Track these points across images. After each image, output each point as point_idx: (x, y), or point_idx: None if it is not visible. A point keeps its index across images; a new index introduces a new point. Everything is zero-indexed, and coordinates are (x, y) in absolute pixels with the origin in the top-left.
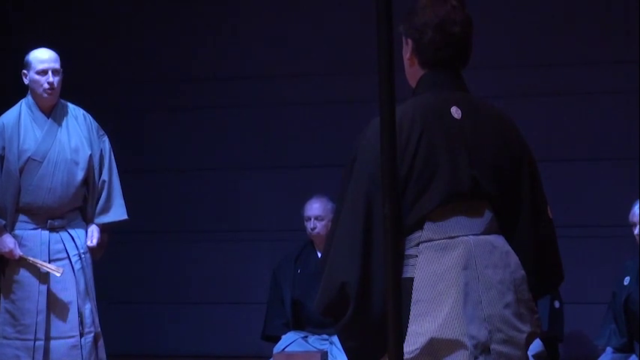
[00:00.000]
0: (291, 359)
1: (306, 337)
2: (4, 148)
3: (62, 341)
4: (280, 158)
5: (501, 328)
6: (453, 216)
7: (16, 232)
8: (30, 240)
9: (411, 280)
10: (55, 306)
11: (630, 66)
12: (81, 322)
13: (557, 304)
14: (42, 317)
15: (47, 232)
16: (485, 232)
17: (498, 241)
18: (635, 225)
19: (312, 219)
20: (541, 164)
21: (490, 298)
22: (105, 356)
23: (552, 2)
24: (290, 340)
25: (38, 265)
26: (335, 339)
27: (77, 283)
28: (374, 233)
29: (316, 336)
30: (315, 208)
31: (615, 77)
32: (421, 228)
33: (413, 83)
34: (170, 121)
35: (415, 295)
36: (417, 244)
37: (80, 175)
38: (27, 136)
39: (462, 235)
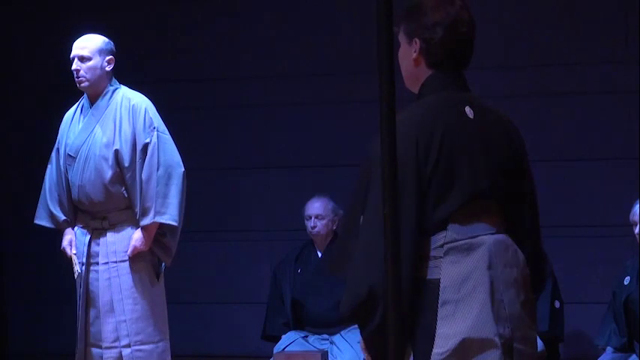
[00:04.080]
0: (292, 359)
1: (307, 336)
2: (59, 143)
3: (96, 350)
4: (280, 158)
5: (520, 327)
6: (473, 216)
7: (74, 229)
8: (77, 239)
9: (437, 281)
10: (88, 313)
11: (630, 66)
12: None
13: (557, 304)
14: (81, 324)
15: (87, 233)
16: (499, 232)
17: (509, 239)
18: (635, 224)
19: (313, 217)
20: (541, 164)
21: (509, 297)
22: None
23: (552, 2)
24: (290, 340)
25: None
26: (335, 338)
27: (102, 295)
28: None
29: (316, 336)
30: (316, 207)
31: (615, 77)
32: (445, 228)
33: (413, 83)
34: (169, 121)
35: (442, 297)
36: (442, 245)
37: (109, 172)
38: (72, 129)
39: (482, 235)
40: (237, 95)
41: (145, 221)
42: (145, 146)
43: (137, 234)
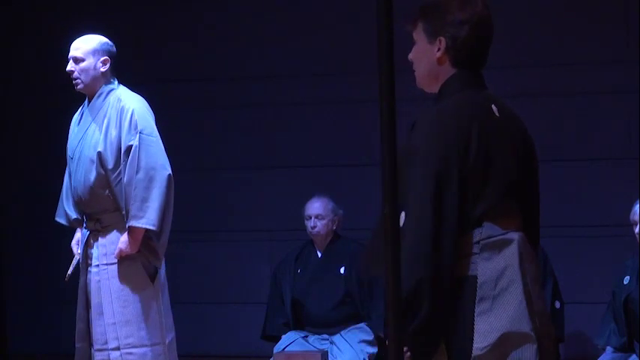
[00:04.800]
0: (292, 359)
1: (307, 336)
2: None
3: (92, 350)
4: (280, 158)
5: (544, 322)
6: (504, 213)
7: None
8: (81, 239)
9: (474, 278)
10: (89, 313)
11: (630, 66)
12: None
13: (557, 305)
14: (82, 325)
15: (87, 233)
16: (520, 229)
17: (526, 236)
18: (635, 224)
19: (313, 217)
20: (541, 164)
21: (536, 292)
22: None
23: (552, 2)
24: (290, 340)
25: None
26: (335, 338)
27: (93, 297)
28: (444, 237)
29: (316, 336)
30: (316, 207)
31: (615, 77)
32: (480, 225)
33: (430, 82)
34: (170, 122)
35: (479, 293)
36: (477, 242)
37: (94, 174)
38: (72, 130)
39: (512, 231)
40: (238, 95)
41: (129, 223)
42: (128, 149)
43: (124, 237)
